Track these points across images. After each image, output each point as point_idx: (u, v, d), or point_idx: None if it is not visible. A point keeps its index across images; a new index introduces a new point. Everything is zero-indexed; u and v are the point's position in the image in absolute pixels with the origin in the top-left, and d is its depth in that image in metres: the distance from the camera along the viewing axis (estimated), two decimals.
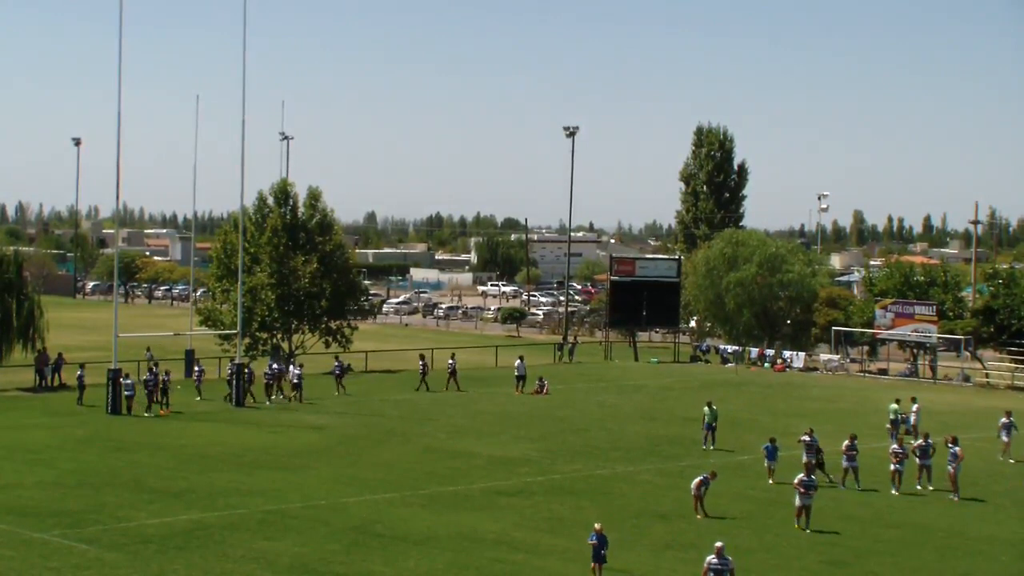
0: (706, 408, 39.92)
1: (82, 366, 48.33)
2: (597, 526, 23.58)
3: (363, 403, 49.48)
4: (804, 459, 33.38)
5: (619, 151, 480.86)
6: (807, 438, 34.62)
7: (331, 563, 24.51)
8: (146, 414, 44.51)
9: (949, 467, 32.99)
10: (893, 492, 33.08)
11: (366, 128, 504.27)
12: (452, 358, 55.97)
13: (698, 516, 29.35)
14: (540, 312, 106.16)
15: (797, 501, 28.64)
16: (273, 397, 48.96)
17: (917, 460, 33.92)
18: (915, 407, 43.55)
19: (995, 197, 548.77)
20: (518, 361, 55.77)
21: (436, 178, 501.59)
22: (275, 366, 50.71)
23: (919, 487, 33.62)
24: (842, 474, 33.74)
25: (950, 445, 33.39)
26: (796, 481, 28.92)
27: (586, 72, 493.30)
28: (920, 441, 34.56)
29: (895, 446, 34.07)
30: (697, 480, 29.82)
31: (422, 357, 55.16)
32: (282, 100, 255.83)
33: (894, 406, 42.84)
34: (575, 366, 68.18)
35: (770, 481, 33.70)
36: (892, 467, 33.41)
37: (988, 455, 39.75)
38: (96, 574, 23.40)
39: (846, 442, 34.10)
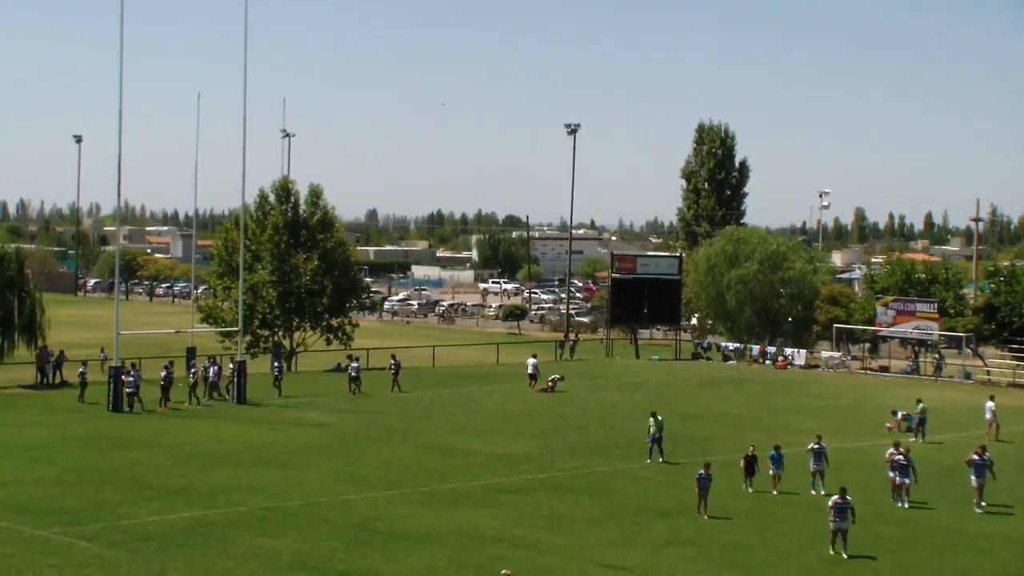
0: (651, 419, 37.00)
1: (84, 363, 48.34)
2: (505, 572, 21.38)
3: (363, 400, 49.48)
4: (812, 467, 32.40)
5: (620, 148, 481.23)
6: (815, 446, 32.65)
7: (331, 560, 24.50)
8: (128, 410, 44.52)
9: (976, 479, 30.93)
10: (899, 504, 31.00)
11: (367, 125, 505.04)
12: (394, 358, 53.55)
13: (704, 517, 28.77)
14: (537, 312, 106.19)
15: (831, 524, 26.10)
16: (215, 395, 48.45)
17: (974, 479, 31.01)
18: (990, 404, 42.52)
19: (996, 194, 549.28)
20: (532, 359, 55.57)
21: (437, 175, 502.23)
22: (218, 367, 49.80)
23: (979, 510, 30.68)
24: (891, 486, 31.44)
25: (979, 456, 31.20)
26: (829, 504, 26.42)
27: (588, 70, 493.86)
28: (975, 456, 31.27)
29: (900, 457, 31.29)
30: (696, 478, 29.37)
31: (355, 359, 52.94)
32: (283, 97, 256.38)
33: (921, 405, 42.09)
34: (576, 363, 68.15)
35: (774, 492, 32.04)
36: (897, 480, 31.19)
37: (989, 452, 39.69)
38: (97, 571, 23.38)
39: (891, 450, 31.86)
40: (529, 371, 54.52)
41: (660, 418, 37.24)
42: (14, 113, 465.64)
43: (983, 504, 30.93)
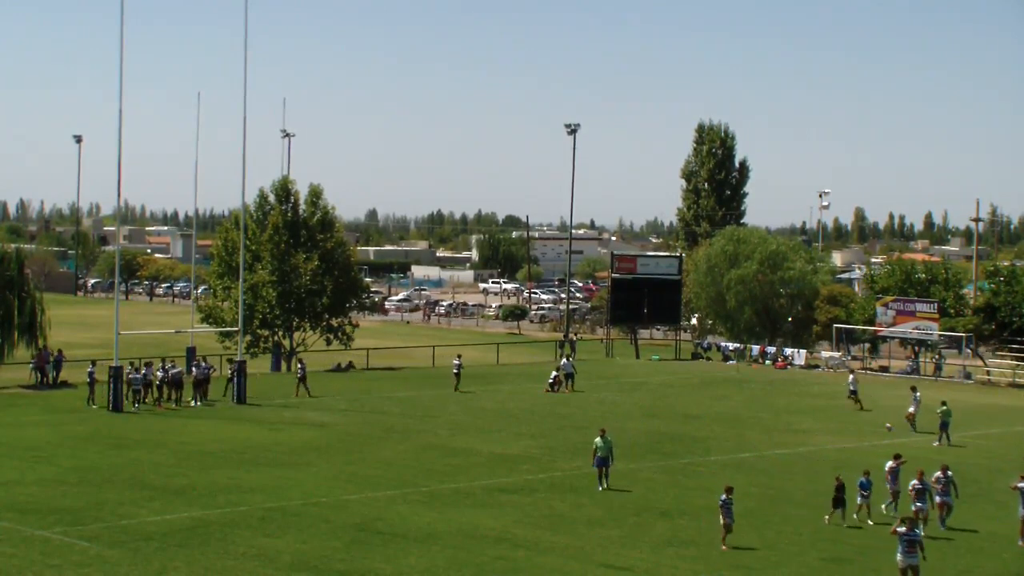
0: (598, 439, 32.75)
1: (93, 363, 47.86)
2: None
3: (364, 400, 49.48)
4: (888, 488, 29.74)
5: (620, 148, 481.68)
6: (895, 463, 29.83)
7: (332, 560, 24.48)
8: (135, 407, 44.57)
9: None
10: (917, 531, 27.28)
11: (367, 125, 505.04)
12: (301, 363, 51.68)
13: (723, 548, 26.21)
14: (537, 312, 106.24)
15: (900, 560, 23.11)
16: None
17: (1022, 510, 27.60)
18: None
19: (996, 195, 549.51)
20: (564, 360, 56.86)
21: (437, 175, 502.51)
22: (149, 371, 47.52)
23: (1021, 543, 27.45)
24: (938, 511, 28.63)
25: None
26: (894, 530, 23.59)
27: (588, 70, 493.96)
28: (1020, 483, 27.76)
29: (915, 481, 28.30)
30: (720, 505, 26.60)
31: (459, 355, 55.47)
32: (283, 97, 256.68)
33: (944, 408, 40.93)
34: (576, 364, 67.96)
35: (870, 522, 28.77)
36: (913, 507, 27.92)
37: (989, 452, 39.75)
38: (97, 571, 23.36)
39: (937, 473, 28.91)
40: (564, 372, 55.29)
41: (609, 438, 32.96)
42: (14, 113, 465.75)
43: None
